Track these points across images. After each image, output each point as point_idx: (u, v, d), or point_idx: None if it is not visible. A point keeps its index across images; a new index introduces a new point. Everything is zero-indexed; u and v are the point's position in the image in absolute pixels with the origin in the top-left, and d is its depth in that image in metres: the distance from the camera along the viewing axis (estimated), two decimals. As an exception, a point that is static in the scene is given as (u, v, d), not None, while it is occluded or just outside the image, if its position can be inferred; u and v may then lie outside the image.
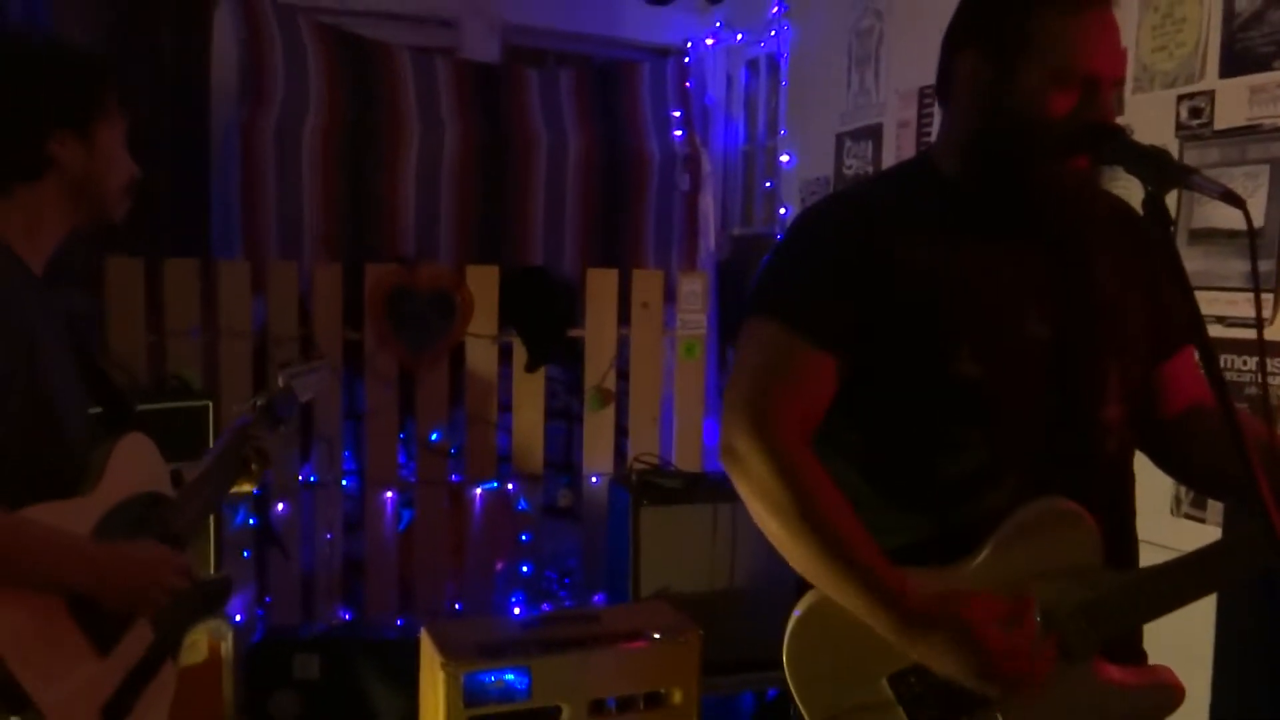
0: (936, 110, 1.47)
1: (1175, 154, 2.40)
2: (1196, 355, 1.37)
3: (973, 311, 1.31)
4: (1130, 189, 1.35)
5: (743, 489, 1.29)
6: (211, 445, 2.74)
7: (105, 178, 1.46)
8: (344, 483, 3.45)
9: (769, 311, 1.34)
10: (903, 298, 1.30)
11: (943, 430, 1.31)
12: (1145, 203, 1.24)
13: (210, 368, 3.20)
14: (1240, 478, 1.12)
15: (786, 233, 1.42)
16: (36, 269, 1.45)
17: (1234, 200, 1.23)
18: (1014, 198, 1.32)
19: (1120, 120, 2.64)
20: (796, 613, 1.32)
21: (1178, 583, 1.30)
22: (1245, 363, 2.24)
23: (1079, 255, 1.37)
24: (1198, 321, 1.19)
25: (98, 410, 1.59)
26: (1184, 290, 1.40)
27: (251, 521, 3.27)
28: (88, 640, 1.39)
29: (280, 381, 1.99)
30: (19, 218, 1.41)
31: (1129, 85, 2.55)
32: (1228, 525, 2.14)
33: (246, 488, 1.83)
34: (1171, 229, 1.33)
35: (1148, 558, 1.41)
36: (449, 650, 2.41)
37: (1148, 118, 2.48)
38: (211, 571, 2.76)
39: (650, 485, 3.28)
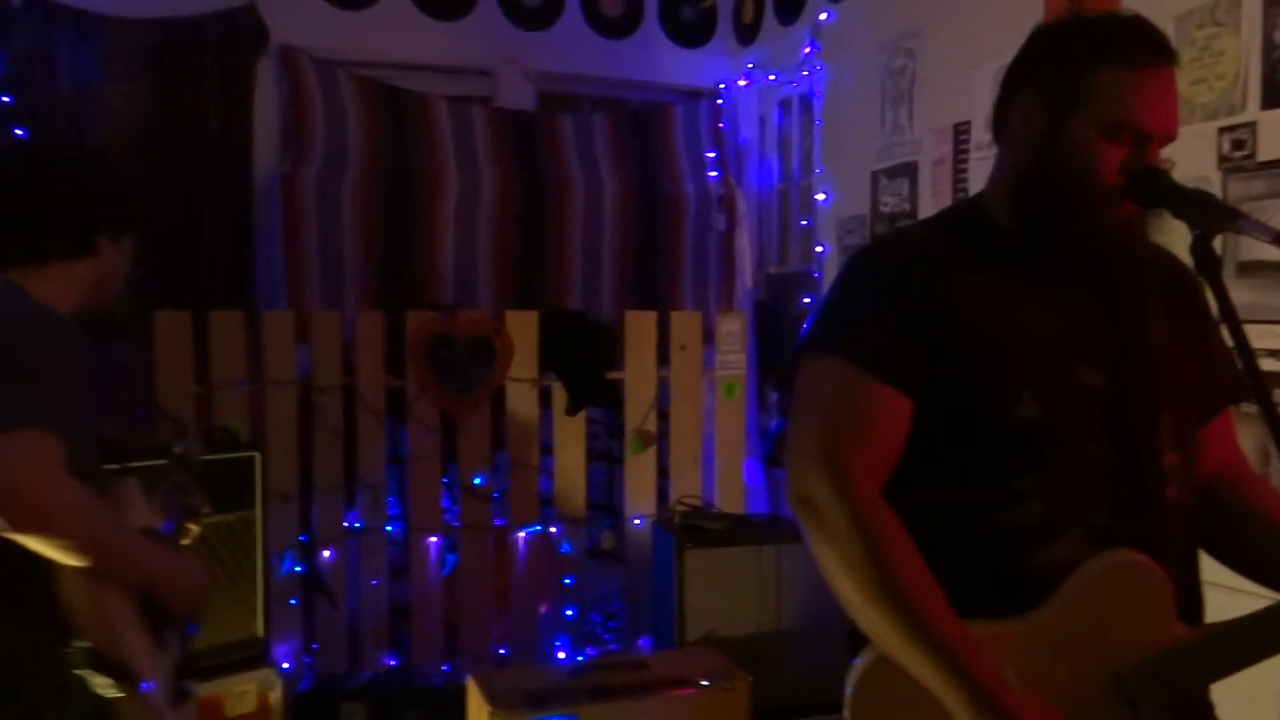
0: (972, 146, 1.47)
1: (1218, 187, 2.38)
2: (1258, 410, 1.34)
3: (1029, 356, 1.30)
4: (1174, 234, 1.34)
5: (816, 542, 1.26)
6: (259, 496, 2.81)
7: (118, 277, 1.75)
8: (388, 528, 3.47)
9: (836, 350, 1.32)
10: (963, 341, 1.29)
11: (1003, 479, 1.29)
12: (1194, 246, 1.24)
13: (257, 418, 3.24)
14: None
15: (845, 272, 1.40)
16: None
17: (1283, 242, 1.22)
18: (1062, 244, 1.32)
19: (1161, 153, 2.63)
20: (856, 662, 1.27)
21: (1253, 639, 1.26)
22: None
23: (1129, 302, 1.36)
24: (1255, 379, 1.17)
25: None
26: (1237, 342, 1.38)
27: (298, 569, 3.29)
28: (151, 635, 1.58)
29: (178, 450, 2.06)
30: (48, 286, 1.63)
31: (1169, 118, 2.54)
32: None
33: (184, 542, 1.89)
34: (1221, 272, 1.31)
35: (1218, 601, 1.38)
36: (496, 698, 2.41)
37: (1189, 151, 2.45)
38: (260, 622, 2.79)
39: (693, 528, 3.26)
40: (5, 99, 3.34)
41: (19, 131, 3.34)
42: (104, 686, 1.48)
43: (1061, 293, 1.34)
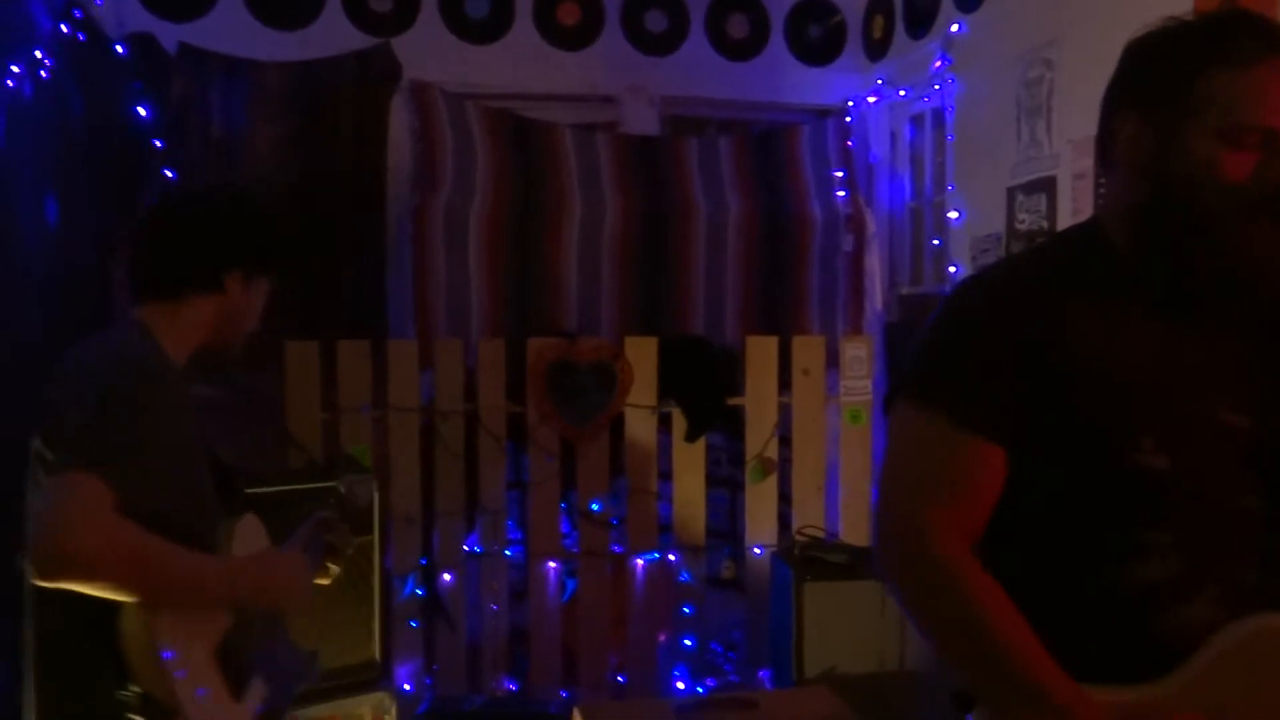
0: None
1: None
2: None
3: (1156, 397, 1.18)
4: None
5: (905, 605, 1.22)
6: (377, 520, 2.87)
7: (245, 319, 1.77)
8: (508, 553, 3.50)
9: (926, 398, 1.25)
10: (1075, 381, 1.19)
11: (1127, 532, 1.18)
12: None
13: (381, 443, 3.33)
14: None
15: (942, 309, 1.32)
16: (179, 361, 1.69)
17: None
18: (1193, 271, 1.19)
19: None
20: (970, 718, 1.21)
21: None
22: None
23: (1276, 335, 1.23)
24: None
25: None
26: None
27: (419, 592, 3.36)
28: (226, 684, 1.57)
29: (342, 489, 2.10)
30: (175, 322, 1.68)
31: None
32: None
33: (323, 581, 1.91)
34: None
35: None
36: (600, 733, 2.38)
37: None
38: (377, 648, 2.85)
39: (814, 560, 3.16)
40: (157, 143, 3.57)
41: (169, 173, 3.56)
42: None
43: (1197, 324, 1.21)
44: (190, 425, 1.63)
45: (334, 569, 1.91)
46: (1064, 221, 3.23)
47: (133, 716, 1.47)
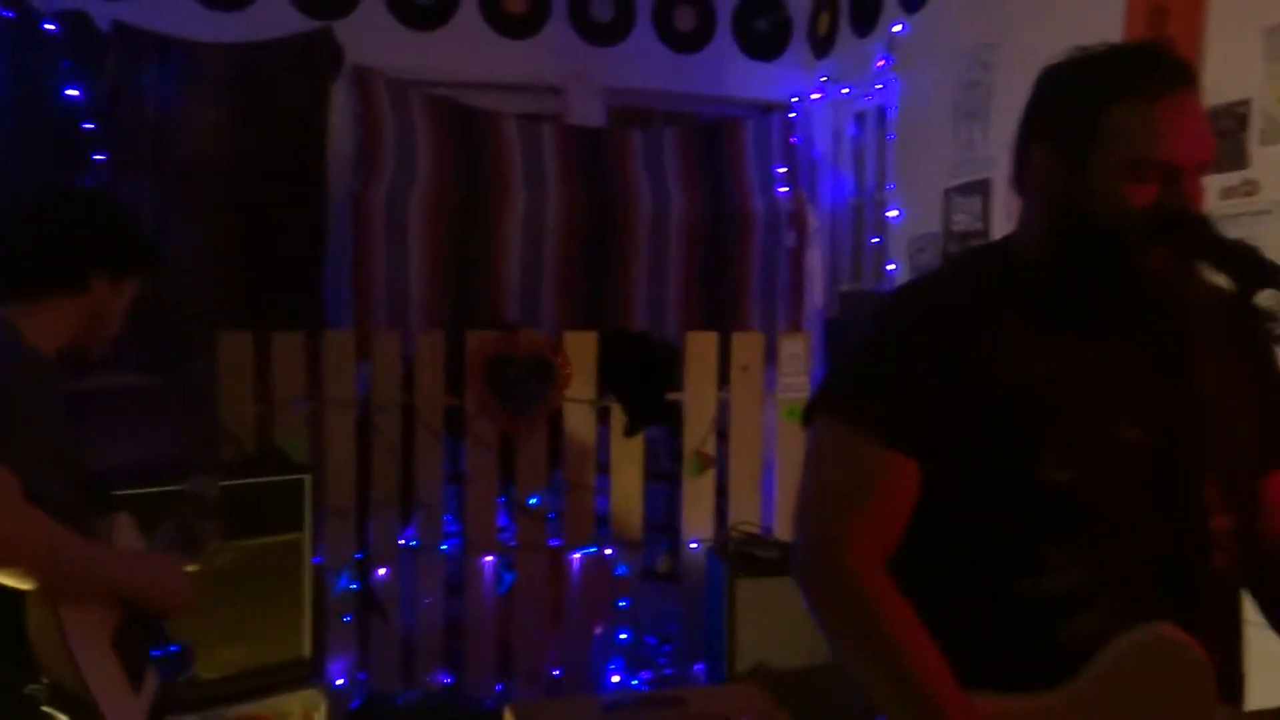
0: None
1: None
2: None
3: (1061, 412, 1.22)
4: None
5: (815, 611, 1.24)
6: (308, 516, 2.85)
7: (110, 321, 1.77)
8: (444, 547, 3.49)
9: (846, 412, 1.28)
10: (984, 396, 1.22)
11: (1030, 545, 1.21)
12: (1235, 303, 1.15)
13: (316, 436, 3.30)
14: None
15: (861, 324, 1.38)
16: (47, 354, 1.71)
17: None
18: (1099, 293, 1.23)
19: (1247, 175, 2.46)
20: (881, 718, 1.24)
21: None
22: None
23: (1177, 353, 1.26)
24: None
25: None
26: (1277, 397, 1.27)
27: (353, 587, 3.34)
28: (125, 676, 1.60)
29: (190, 488, 2.06)
30: (39, 321, 1.68)
31: (1255, 137, 2.38)
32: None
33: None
34: (1267, 327, 1.20)
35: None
36: (528, 731, 2.39)
37: (1276, 171, 2.30)
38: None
39: (747, 556, 3.20)
40: (88, 125, 3.48)
41: (101, 156, 3.48)
42: None
43: (1102, 344, 1.25)
44: (60, 422, 1.66)
45: (193, 567, 1.89)
46: (998, 224, 3.28)
47: (45, 709, 1.48)
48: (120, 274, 1.75)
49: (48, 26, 3.42)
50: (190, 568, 1.84)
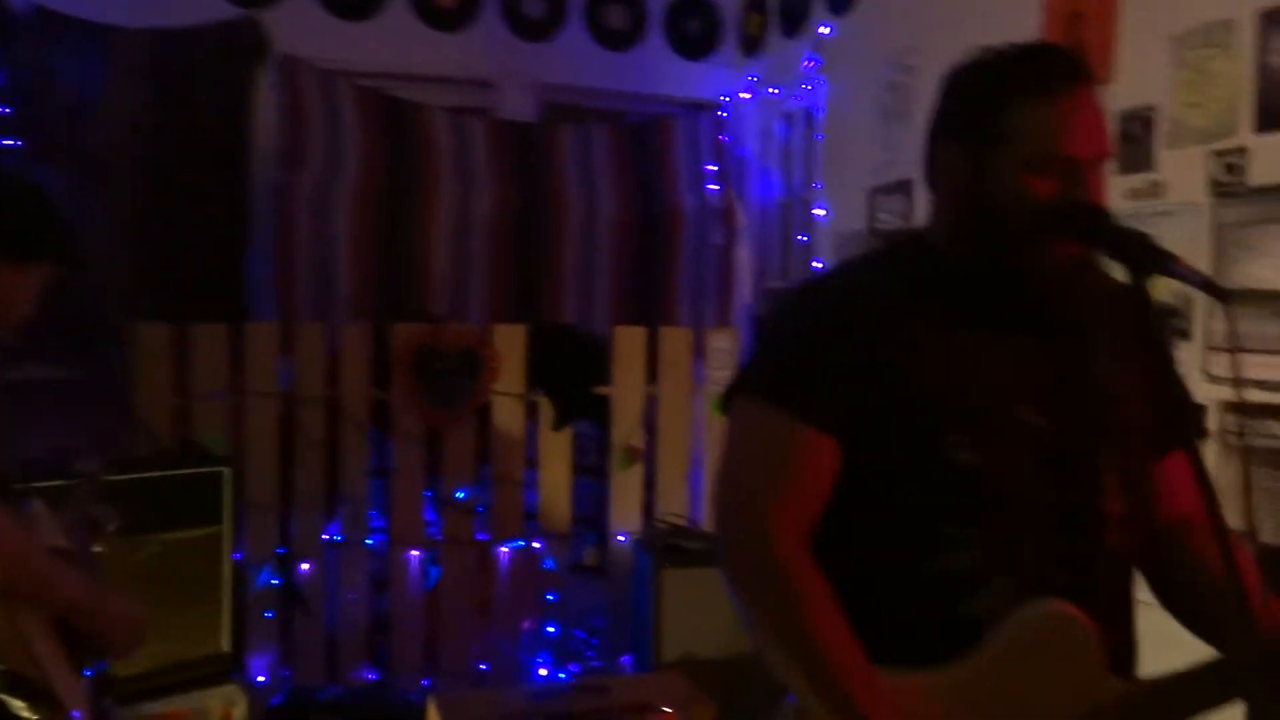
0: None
1: (1210, 212, 2.31)
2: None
3: (966, 395, 1.26)
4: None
5: (732, 587, 1.26)
6: (227, 510, 2.81)
7: (17, 303, 1.69)
8: (369, 541, 3.46)
9: (762, 394, 1.30)
10: (897, 381, 1.26)
11: (935, 525, 1.25)
12: (1128, 288, 1.20)
13: (236, 430, 3.25)
14: (1214, 611, 1.04)
15: (780, 310, 1.40)
16: None
17: (1215, 292, 1.18)
18: (1003, 284, 1.28)
19: (1153, 177, 2.55)
20: (791, 699, 1.26)
21: (1185, 695, 1.22)
22: (1280, 431, 2.12)
23: (1076, 341, 1.32)
24: (1185, 422, 1.12)
25: None
26: (1170, 383, 1.33)
27: (275, 581, 3.29)
28: (72, 660, 1.59)
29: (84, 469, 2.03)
30: None
31: (1162, 140, 2.47)
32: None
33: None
34: (1153, 315, 1.26)
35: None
36: (453, 722, 2.39)
37: (1181, 174, 2.39)
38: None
39: (674, 548, 3.23)
40: (3, 109, 3.38)
41: (13, 142, 3.38)
42: (23, 709, 1.47)
43: (1005, 331, 1.30)
44: None
45: (99, 546, 1.87)
46: (920, 223, 3.36)
47: (3, 696, 1.46)
48: (20, 259, 1.68)
49: (-41, 8, 3.32)
50: (96, 548, 1.81)
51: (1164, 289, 2.34)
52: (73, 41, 3.58)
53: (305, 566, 3.33)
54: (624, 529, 3.62)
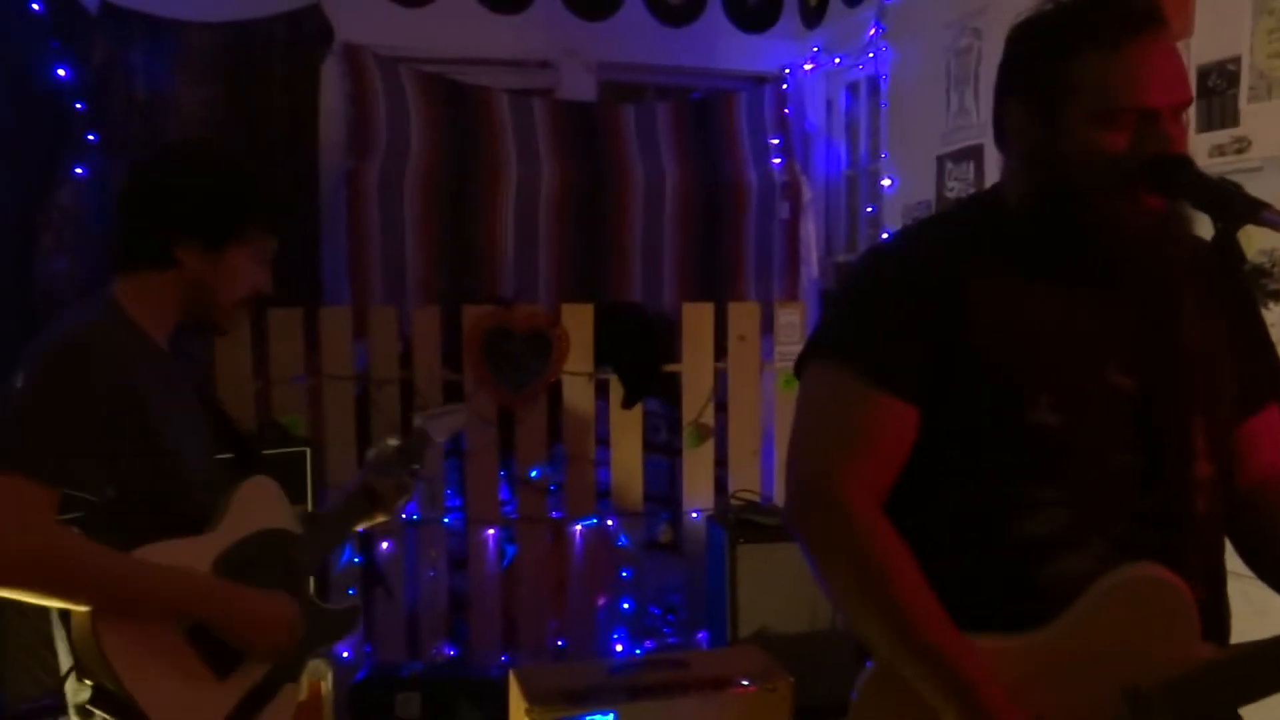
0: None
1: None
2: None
3: (1050, 357, 1.23)
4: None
5: (812, 554, 1.24)
6: (310, 491, 2.87)
7: (219, 291, 1.60)
8: (446, 520, 3.51)
9: (838, 357, 1.28)
10: (977, 341, 1.23)
11: (1019, 488, 1.23)
12: (1215, 241, 1.16)
13: (314, 412, 3.31)
14: None
15: (854, 270, 1.37)
16: (159, 339, 1.59)
17: (1315, 239, 1.13)
18: (1084, 243, 1.24)
19: (1237, 132, 2.47)
20: (870, 664, 1.25)
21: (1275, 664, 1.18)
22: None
23: (1163, 300, 1.27)
24: (1276, 378, 1.08)
25: (228, 456, 1.74)
26: (1260, 339, 1.29)
27: (356, 560, 3.36)
28: (204, 664, 1.50)
29: (416, 422, 2.07)
30: (142, 296, 1.57)
31: (1244, 94, 2.38)
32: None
33: (379, 519, 1.89)
34: (1244, 268, 1.22)
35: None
36: (534, 695, 2.42)
37: (1267, 128, 2.31)
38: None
39: (747, 523, 3.23)
40: (78, 105, 3.47)
41: (92, 137, 3.47)
42: None
43: (1089, 291, 1.26)
44: (165, 399, 1.54)
45: (389, 504, 1.86)
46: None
47: (91, 709, 1.44)
48: (219, 243, 1.58)
49: (34, 6, 3.41)
50: (380, 518, 1.80)
51: (1252, 249, 2.27)
52: (142, 37, 3.66)
53: (385, 545, 3.39)
54: (696, 506, 3.62)
